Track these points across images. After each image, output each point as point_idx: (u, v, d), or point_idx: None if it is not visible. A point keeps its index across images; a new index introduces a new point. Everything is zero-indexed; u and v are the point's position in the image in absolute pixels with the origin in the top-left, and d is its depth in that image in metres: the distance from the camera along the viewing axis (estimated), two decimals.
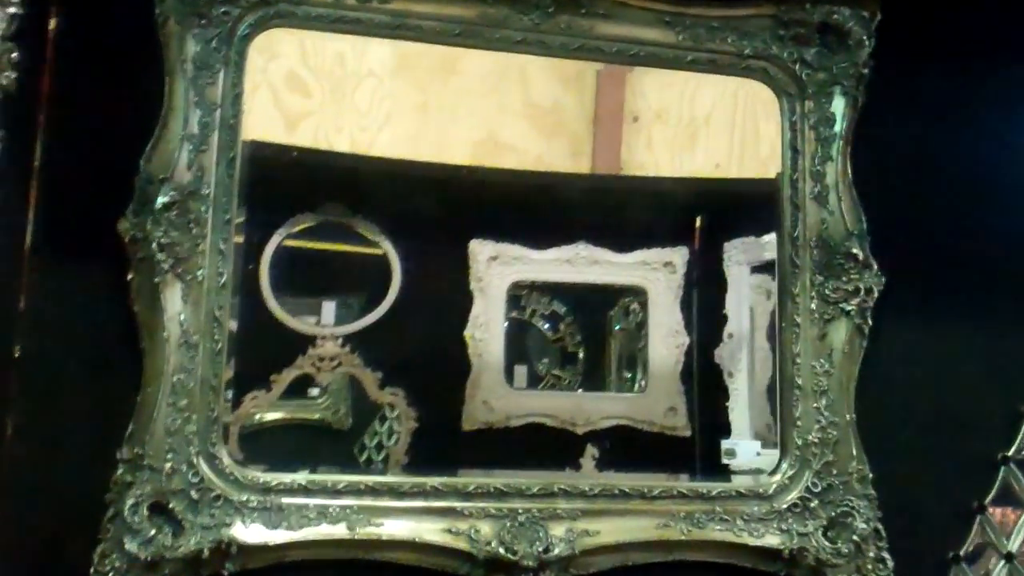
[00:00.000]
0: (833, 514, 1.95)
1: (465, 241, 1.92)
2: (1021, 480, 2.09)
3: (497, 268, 1.88)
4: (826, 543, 1.93)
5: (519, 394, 1.92)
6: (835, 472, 1.96)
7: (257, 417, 1.81)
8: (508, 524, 1.83)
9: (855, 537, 1.93)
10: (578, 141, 2.00)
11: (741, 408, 2.02)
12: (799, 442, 1.97)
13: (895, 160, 2.10)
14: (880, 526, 1.96)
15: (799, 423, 1.97)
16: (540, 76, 1.97)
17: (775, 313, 1.96)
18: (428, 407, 1.88)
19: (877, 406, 2.02)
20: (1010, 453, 2.10)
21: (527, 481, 1.87)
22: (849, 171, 2.01)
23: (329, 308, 1.81)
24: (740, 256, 2.00)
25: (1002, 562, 2.08)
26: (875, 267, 1.99)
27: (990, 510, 2.08)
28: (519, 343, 1.89)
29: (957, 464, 2.08)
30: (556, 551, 1.83)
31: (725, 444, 2.05)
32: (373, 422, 1.84)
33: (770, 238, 1.94)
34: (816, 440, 1.97)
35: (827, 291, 1.99)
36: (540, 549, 1.82)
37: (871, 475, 1.97)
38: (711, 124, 2.07)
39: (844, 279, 1.99)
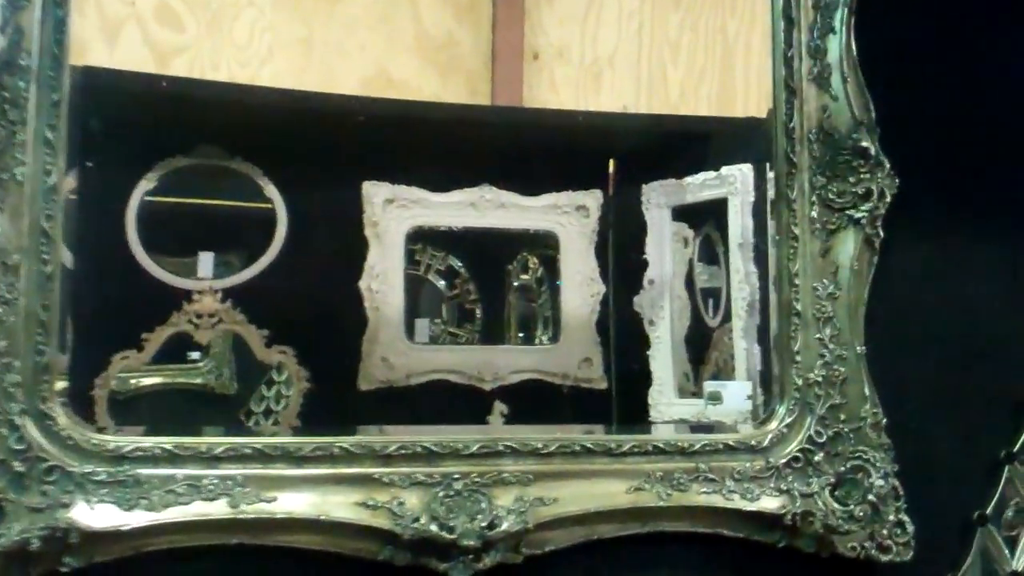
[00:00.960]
0: (842, 469, 1.57)
1: (358, 183, 1.73)
2: None
3: (394, 212, 1.73)
4: (836, 505, 1.56)
5: (421, 349, 1.75)
6: (843, 418, 1.58)
7: (133, 383, 1.58)
8: (441, 493, 1.42)
9: (871, 497, 1.56)
10: (476, 79, 1.87)
11: (663, 357, 1.81)
12: (798, 382, 1.59)
13: (905, 38, 1.71)
14: (897, 483, 1.59)
15: (798, 358, 1.59)
16: (432, 7, 1.85)
17: (693, 261, 1.80)
18: (321, 366, 1.68)
19: (889, 336, 1.65)
20: None
21: (464, 437, 1.46)
22: (854, 48, 1.61)
23: (207, 259, 1.64)
24: (660, 199, 1.81)
25: None
26: (887, 166, 1.61)
27: None
28: (415, 298, 1.77)
29: (982, 404, 1.72)
30: (504, 525, 1.42)
31: (710, 386, 1.67)
32: (260, 386, 1.66)
33: (692, 179, 1.79)
34: (819, 379, 1.59)
35: (831, 195, 1.61)
36: (483, 524, 1.42)
37: (885, 420, 1.60)
38: (615, 65, 1.93)
39: (851, 180, 1.61)
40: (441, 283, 1.79)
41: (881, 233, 1.61)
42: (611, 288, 1.80)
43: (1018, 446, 1.73)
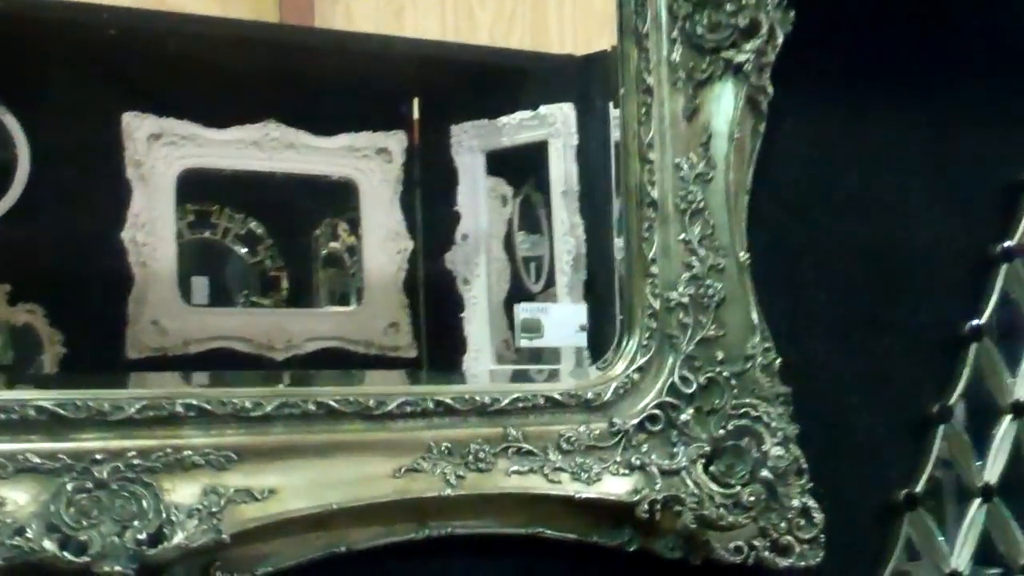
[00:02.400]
0: (721, 433, 1.06)
1: (116, 114, 1.47)
2: (997, 362, 1.28)
3: (162, 150, 1.52)
4: (713, 487, 1.04)
5: (201, 312, 1.53)
6: (720, 357, 1.08)
7: None
8: (70, 487, 0.84)
9: (764, 473, 1.05)
10: (261, 7, 1.69)
11: (480, 320, 1.58)
12: (655, 304, 1.07)
13: None
14: (799, 452, 1.09)
15: (654, 270, 1.08)
16: None
17: (512, 223, 1.58)
18: (79, 329, 1.43)
19: (781, 241, 1.16)
20: (982, 321, 1.27)
21: (114, 394, 0.89)
22: None
23: None
24: (472, 142, 1.60)
25: (978, 500, 1.25)
26: None
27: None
28: (211, 266, 1.58)
29: (908, 339, 1.24)
30: (178, 537, 0.85)
31: (523, 312, 1.16)
32: (40, 355, 1.42)
33: (508, 120, 1.58)
34: (685, 300, 1.07)
35: (700, 29, 1.09)
36: (141, 536, 0.84)
37: (779, 361, 1.09)
38: (417, 2, 1.78)
39: (729, 8, 1.09)
40: (243, 250, 1.58)
41: (770, 90, 1.11)
42: (420, 244, 1.57)
43: (955, 397, 1.25)
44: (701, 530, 1.04)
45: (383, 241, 1.57)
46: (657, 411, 1.05)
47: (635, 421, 1.04)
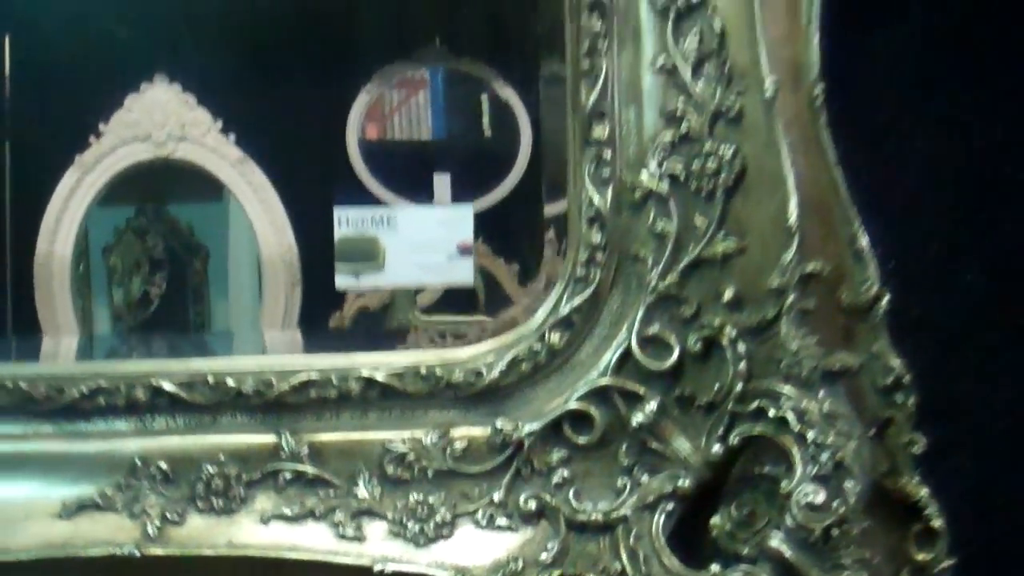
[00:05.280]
0: (717, 448, 0.53)
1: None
2: None
3: None
4: (672, 564, 0.52)
5: None
6: (731, 294, 0.55)
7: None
8: None
9: (775, 543, 0.52)
10: None
11: None
12: (598, 199, 0.56)
13: None
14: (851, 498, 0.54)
15: (600, 134, 0.56)
16: None
17: None
18: None
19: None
20: None
21: None
22: None
23: (443, 182, 1.32)
24: None
25: None
26: None
27: None
28: None
29: None
30: None
31: (346, 222, 0.74)
32: None
33: None
34: (664, 186, 0.56)
35: None
36: None
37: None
38: None
39: None
40: None
41: None
42: None
43: None
44: None
45: None
46: (589, 406, 0.55)
47: (541, 424, 0.55)
